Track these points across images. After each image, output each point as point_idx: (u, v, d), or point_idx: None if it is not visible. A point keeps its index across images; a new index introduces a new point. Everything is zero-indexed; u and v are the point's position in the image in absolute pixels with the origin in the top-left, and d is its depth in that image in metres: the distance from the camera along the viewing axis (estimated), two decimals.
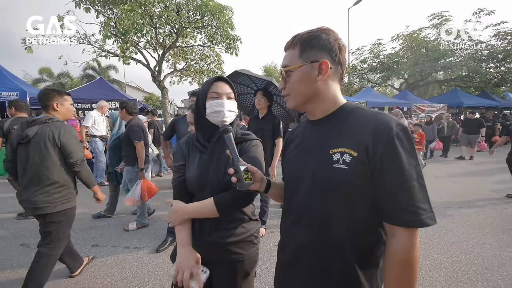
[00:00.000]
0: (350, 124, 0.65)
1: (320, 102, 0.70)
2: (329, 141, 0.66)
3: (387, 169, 0.58)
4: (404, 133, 0.60)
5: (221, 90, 0.97)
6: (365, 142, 0.60)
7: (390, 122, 0.60)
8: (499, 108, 11.68)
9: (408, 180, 0.57)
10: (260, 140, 1.05)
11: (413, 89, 15.09)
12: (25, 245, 2.66)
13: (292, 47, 0.70)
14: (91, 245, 2.66)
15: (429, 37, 13.68)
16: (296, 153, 0.77)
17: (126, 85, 22.53)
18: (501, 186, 4.64)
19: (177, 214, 0.92)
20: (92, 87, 7.06)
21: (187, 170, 0.98)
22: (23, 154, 1.70)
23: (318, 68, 0.66)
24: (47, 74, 19.84)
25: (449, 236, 2.78)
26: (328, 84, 0.69)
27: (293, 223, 0.73)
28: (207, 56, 10.72)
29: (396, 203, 0.58)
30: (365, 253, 0.64)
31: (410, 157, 0.58)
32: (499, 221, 3.15)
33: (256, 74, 2.65)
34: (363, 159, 0.60)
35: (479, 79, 13.31)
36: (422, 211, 0.56)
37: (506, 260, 2.31)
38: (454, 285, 1.98)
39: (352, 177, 0.60)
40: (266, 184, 0.83)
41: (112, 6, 7.76)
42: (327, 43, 0.67)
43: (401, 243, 0.58)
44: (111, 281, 2.07)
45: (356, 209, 0.62)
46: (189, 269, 0.87)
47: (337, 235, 0.64)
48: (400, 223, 0.58)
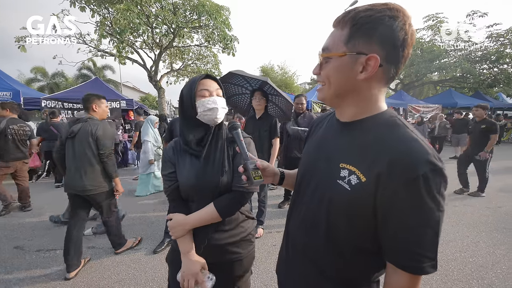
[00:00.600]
0: (374, 140, 0.54)
1: (354, 103, 0.57)
2: (344, 151, 0.58)
3: (397, 211, 0.49)
4: (434, 175, 0.47)
5: (211, 87, 0.94)
6: (380, 170, 0.49)
7: (420, 156, 0.47)
8: (492, 109, 11.88)
9: (420, 226, 0.48)
10: (251, 137, 1.04)
11: (409, 90, 15.28)
12: (19, 248, 2.61)
13: (341, 26, 0.54)
14: (87, 246, 2.62)
15: (424, 39, 13.87)
16: (313, 148, 0.70)
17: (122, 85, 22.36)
18: (495, 184, 4.72)
19: (181, 227, 0.90)
20: (87, 87, 6.97)
21: (178, 175, 0.94)
22: (70, 147, 2.11)
23: (363, 63, 0.52)
24: (41, 73, 19.55)
25: (445, 235, 2.82)
26: (371, 85, 0.55)
27: (296, 219, 0.72)
28: (204, 56, 10.70)
29: (400, 247, 0.50)
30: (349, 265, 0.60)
31: (433, 203, 0.47)
32: (493, 219, 3.20)
33: (250, 74, 2.65)
34: (370, 188, 0.51)
35: (473, 80, 13.55)
36: (426, 260, 0.49)
37: (500, 257, 2.35)
38: (450, 283, 2.00)
39: (352, 200, 0.54)
40: (279, 177, 0.81)
41: (107, 5, 7.68)
42: (388, 32, 0.50)
43: (402, 285, 0.52)
44: (107, 283, 2.04)
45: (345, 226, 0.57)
46: (193, 277, 0.87)
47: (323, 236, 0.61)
48: (400, 267, 0.52)
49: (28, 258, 2.41)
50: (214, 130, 0.97)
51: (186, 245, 0.91)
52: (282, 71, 20.18)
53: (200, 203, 0.92)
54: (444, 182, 0.48)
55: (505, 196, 4.05)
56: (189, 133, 0.95)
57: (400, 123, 0.55)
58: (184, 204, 0.96)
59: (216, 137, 0.97)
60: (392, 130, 0.53)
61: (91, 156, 2.09)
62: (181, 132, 0.98)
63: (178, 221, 0.91)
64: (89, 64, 18.63)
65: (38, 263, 2.33)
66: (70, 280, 2.07)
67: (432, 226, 0.49)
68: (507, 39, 12.19)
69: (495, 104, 12.18)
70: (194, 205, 0.94)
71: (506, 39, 12.19)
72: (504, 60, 12.43)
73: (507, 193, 4.20)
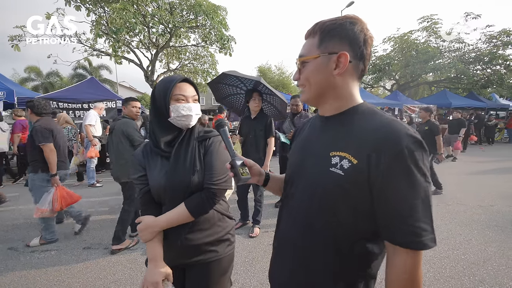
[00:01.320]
0: (358, 127, 0.60)
1: (334, 98, 0.64)
2: (332, 142, 0.63)
3: (391, 186, 0.53)
4: (416, 147, 0.53)
5: (188, 92, 0.92)
6: (369, 150, 0.55)
7: (400, 132, 0.54)
8: (485, 109, 12.09)
9: (412, 197, 0.52)
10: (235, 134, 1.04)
11: (404, 90, 15.44)
12: (13, 249, 2.59)
13: (312, 36, 0.63)
14: (82, 247, 2.61)
15: (419, 40, 14.04)
16: (299, 148, 0.74)
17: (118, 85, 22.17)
18: (489, 183, 4.81)
19: (150, 230, 0.87)
20: (82, 87, 6.90)
21: (149, 178, 0.93)
22: (110, 141, 2.51)
23: (336, 60, 0.60)
24: (35, 73, 19.29)
25: (438, 233, 2.84)
26: (346, 80, 0.63)
27: (287, 218, 0.74)
28: (201, 56, 10.68)
29: (396, 221, 0.53)
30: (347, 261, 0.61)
31: (419, 173, 0.52)
32: (485, 218, 3.26)
33: (243, 74, 2.68)
34: (362, 169, 0.55)
35: (467, 81, 13.76)
36: (424, 232, 0.52)
37: (491, 255, 2.40)
38: (442, 280, 2.04)
39: (346, 185, 0.57)
40: (264, 178, 0.82)
41: (103, 4, 7.62)
42: (351, 34, 0.60)
43: (403, 264, 0.54)
44: (103, 283, 2.04)
45: (342, 214, 0.59)
46: (153, 285, 0.84)
47: (320, 235, 0.63)
48: (399, 243, 0.54)
49: (23, 259, 2.39)
50: (186, 132, 0.96)
51: (153, 251, 0.87)
52: (279, 71, 20.23)
53: (172, 205, 0.90)
54: (425, 153, 0.54)
55: (498, 195, 4.13)
56: (159, 134, 0.93)
57: (377, 111, 0.63)
58: (156, 207, 0.93)
59: (188, 138, 0.95)
60: (373, 116, 0.60)
61: (122, 149, 2.42)
62: (151, 133, 0.95)
63: (147, 224, 0.88)
64: (85, 64, 18.46)
65: (33, 264, 2.31)
66: (66, 281, 2.06)
67: (423, 198, 0.52)
68: (499, 41, 12.42)
69: (488, 104, 12.38)
70: (165, 207, 0.92)
71: (499, 40, 12.42)
72: (497, 61, 12.65)
73: (500, 192, 4.28)
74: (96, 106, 5.30)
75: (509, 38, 12.09)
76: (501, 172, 5.81)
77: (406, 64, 13.70)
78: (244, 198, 3.01)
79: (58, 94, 6.59)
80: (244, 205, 3.02)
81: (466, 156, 7.89)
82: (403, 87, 15.69)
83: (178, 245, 0.92)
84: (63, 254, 2.49)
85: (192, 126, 0.97)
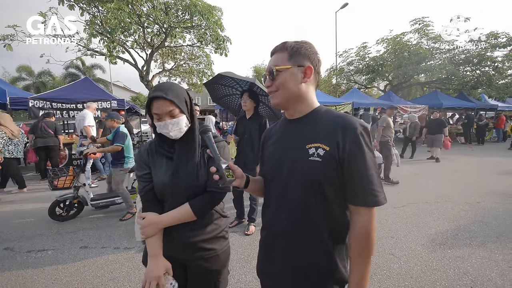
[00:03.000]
0: (323, 123, 0.77)
1: (300, 103, 0.80)
2: (306, 137, 0.77)
3: (354, 161, 0.71)
4: (366, 132, 0.73)
5: (160, 110, 0.90)
6: (336, 138, 0.72)
7: (355, 122, 0.73)
8: (475, 109, 12.42)
9: (369, 169, 0.71)
10: (225, 141, 1.07)
11: (397, 91, 15.72)
12: (9, 249, 2.59)
13: (282, 51, 0.79)
14: (79, 247, 2.63)
15: (411, 41, 14.32)
16: (275, 148, 0.86)
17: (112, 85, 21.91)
18: (477, 180, 4.99)
19: (153, 226, 0.91)
20: (77, 87, 6.84)
21: (154, 176, 0.97)
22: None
23: (303, 72, 0.77)
24: (26, 72, 18.94)
25: (427, 228, 2.99)
26: (308, 88, 0.80)
27: (274, 211, 0.83)
28: (197, 56, 10.67)
29: (360, 188, 0.71)
30: (336, 230, 0.76)
31: (370, 151, 0.72)
32: (471, 214, 3.40)
33: (239, 75, 2.75)
34: (334, 153, 0.72)
35: (457, 82, 14.10)
36: (379, 194, 0.71)
37: (476, 248, 2.52)
38: (429, 273, 2.14)
39: (325, 168, 0.72)
40: (245, 180, 0.89)
41: (97, 3, 7.56)
42: (311, 54, 0.78)
43: (363, 220, 0.72)
44: (101, 281, 2.07)
45: (327, 194, 0.74)
46: (155, 280, 0.88)
47: (312, 217, 0.75)
48: (363, 204, 0.71)
49: (19, 259, 2.40)
50: (183, 137, 0.97)
51: (154, 247, 0.92)
52: None
53: (174, 203, 0.95)
54: (370, 135, 0.75)
55: (485, 193, 4.29)
56: (160, 139, 0.99)
57: (332, 110, 0.82)
58: (158, 204, 0.98)
59: (189, 140, 0.98)
60: (332, 114, 0.79)
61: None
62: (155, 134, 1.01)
63: (151, 220, 0.92)
64: (78, 63, 18.20)
65: (29, 263, 2.32)
66: (64, 279, 2.09)
67: (375, 169, 0.72)
68: (487, 43, 12.78)
69: (477, 104, 12.72)
70: (167, 204, 0.97)
71: (487, 43, 12.78)
72: (486, 63, 13.01)
73: (487, 190, 4.45)
74: (90, 106, 5.28)
75: (497, 41, 12.44)
76: (489, 170, 6.02)
77: (398, 65, 13.94)
78: (240, 196, 3.07)
79: (51, 94, 6.51)
80: (240, 204, 3.09)
81: (455, 155, 8.11)
82: (396, 88, 15.96)
83: (179, 242, 0.96)
84: (60, 253, 2.50)
85: (192, 129, 0.98)
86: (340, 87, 17.44)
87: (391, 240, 2.73)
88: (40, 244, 2.69)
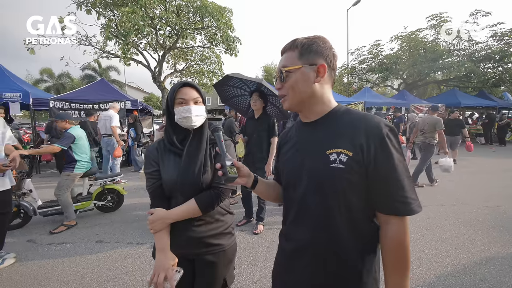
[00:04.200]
0: (343, 125, 0.70)
1: (315, 104, 0.74)
2: (325, 142, 0.70)
3: (381, 166, 0.64)
4: (392, 133, 0.66)
5: (187, 96, 0.99)
6: (359, 142, 0.65)
7: (379, 123, 0.66)
8: (497, 108, 11.78)
9: (399, 174, 0.64)
10: (231, 140, 1.09)
11: (412, 89, 15.20)
12: (32, 241, 2.76)
13: (292, 50, 0.73)
14: (95, 241, 2.76)
15: (427, 38, 13.79)
16: (293, 153, 0.79)
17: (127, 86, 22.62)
18: (497, 183, 4.74)
19: (161, 221, 0.95)
20: (94, 88, 7.14)
21: (163, 173, 1.00)
22: None
23: (316, 70, 0.70)
24: (47, 74, 19.95)
25: (441, 232, 2.88)
26: (323, 87, 0.73)
27: (294, 221, 0.78)
28: (207, 57, 10.82)
29: (390, 195, 0.64)
30: (363, 242, 0.69)
31: (398, 153, 0.65)
32: (490, 218, 3.24)
33: (246, 76, 2.77)
34: (358, 158, 0.65)
35: (477, 80, 13.42)
36: (412, 201, 0.64)
37: (495, 254, 2.40)
38: (443, 278, 2.07)
39: (348, 175, 0.65)
40: (253, 180, 0.85)
41: (113, 8, 7.85)
42: (324, 50, 0.71)
43: (396, 230, 0.65)
44: (115, 274, 2.16)
45: (353, 203, 0.67)
46: (164, 272, 0.92)
47: (336, 228, 0.69)
48: (394, 212, 0.64)
49: (41, 251, 2.55)
50: (194, 132, 1.03)
51: (162, 241, 0.95)
52: None
53: (182, 199, 0.98)
54: (398, 135, 0.69)
55: (505, 196, 4.07)
56: (172, 133, 1.03)
57: (352, 109, 0.75)
58: (165, 201, 1.01)
59: (198, 138, 1.03)
60: (353, 114, 0.72)
61: None
62: (166, 132, 1.06)
63: (159, 215, 0.95)
64: (95, 65, 18.96)
65: (50, 255, 2.47)
66: (81, 272, 2.20)
67: (406, 173, 0.65)
68: (511, 38, 12.06)
69: (499, 103, 12.06)
70: (174, 201, 1.00)
71: (511, 38, 12.07)
72: (509, 59, 12.30)
73: (508, 193, 4.21)
74: (114, 106, 5.48)
75: None
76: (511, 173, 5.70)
77: (413, 63, 13.46)
78: (249, 196, 3.10)
79: (70, 95, 6.84)
80: (248, 203, 3.11)
81: (474, 157, 7.72)
82: (411, 86, 15.43)
83: (186, 237, 1.00)
84: (78, 246, 2.64)
85: (202, 126, 1.04)
86: (352, 86, 17.08)
87: None
88: (59, 237, 2.85)
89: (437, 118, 4.58)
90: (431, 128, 4.51)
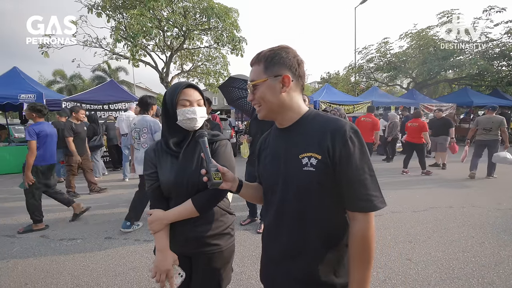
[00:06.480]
0: (312, 130, 0.74)
1: (286, 112, 0.78)
2: (297, 147, 0.75)
3: (345, 167, 0.68)
4: (355, 135, 0.70)
5: (192, 97, 1.00)
6: (326, 145, 0.69)
7: (344, 126, 0.70)
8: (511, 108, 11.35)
9: (361, 174, 0.68)
10: (228, 139, 1.10)
11: (422, 88, 14.81)
12: (44, 237, 2.88)
13: (257, 64, 0.77)
14: (104, 237, 2.85)
15: (438, 36, 13.42)
16: (270, 159, 0.84)
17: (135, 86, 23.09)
18: (508, 187, 4.59)
19: (159, 222, 0.96)
20: (104, 89, 7.33)
21: (160, 175, 1.01)
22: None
23: (281, 81, 0.74)
24: (60, 76, 20.59)
25: (449, 234, 2.82)
26: (291, 95, 0.77)
27: (273, 222, 0.83)
28: (214, 57, 10.93)
29: (354, 193, 0.69)
30: (336, 239, 0.75)
31: (361, 153, 0.69)
32: (501, 221, 3.15)
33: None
34: (326, 161, 0.69)
35: (490, 78, 12.95)
36: (375, 198, 0.69)
37: (504, 258, 2.34)
38: (449, 281, 2.04)
39: (318, 177, 0.70)
40: (238, 184, 0.89)
41: (122, 10, 8.04)
42: (287, 60, 0.75)
43: (360, 225, 0.70)
44: (123, 269, 2.24)
45: (325, 203, 0.73)
46: (165, 272, 0.95)
47: (312, 227, 0.74)
48: (358, 209, 0.69)
49: (53, 246, 2.66)
50: (193, 134, 1.04)
51: (162, 241, 0.97)
52: None
53: (179, 200, 0.99)
54: (361, 137, 0.71)
55: None
56: (170, 136, 1.03)
57: (320, 113, 0.79)
58: (164, 201, 1.03)
59: (195, 140, 1.03)
60: (321, 118, 0.76)
61: None
62: (163, 134, 1.06)
63: (157, 216, 0.97)
64: (104, 67, 19.44)
65: (61, 250, 2.57)
66: (90, 267, 2.28)
67: (369, 172, 0.69)
68: None
69: None
70: (172, 201, 1.02)
71: None
72: None
73: None
74: (131, 107, 5.53)
75: None
76: None
77: (423, 61, 13.13)
78: None
79: (81, 96, 7.04)
80: (253, 203, 3.14)
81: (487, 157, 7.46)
82: (421, 85, 15.05)
83: (184, 236, 1.01)
84: (87, 242, 2.74)
85: (199, 129, 1.05)
86: (359, 85, 16.82)
87: (409, 245, 2.62)
88: (71, 233, 2.96)
89: (501, 117, 5.13)
90: (496, 126, 5.03)
